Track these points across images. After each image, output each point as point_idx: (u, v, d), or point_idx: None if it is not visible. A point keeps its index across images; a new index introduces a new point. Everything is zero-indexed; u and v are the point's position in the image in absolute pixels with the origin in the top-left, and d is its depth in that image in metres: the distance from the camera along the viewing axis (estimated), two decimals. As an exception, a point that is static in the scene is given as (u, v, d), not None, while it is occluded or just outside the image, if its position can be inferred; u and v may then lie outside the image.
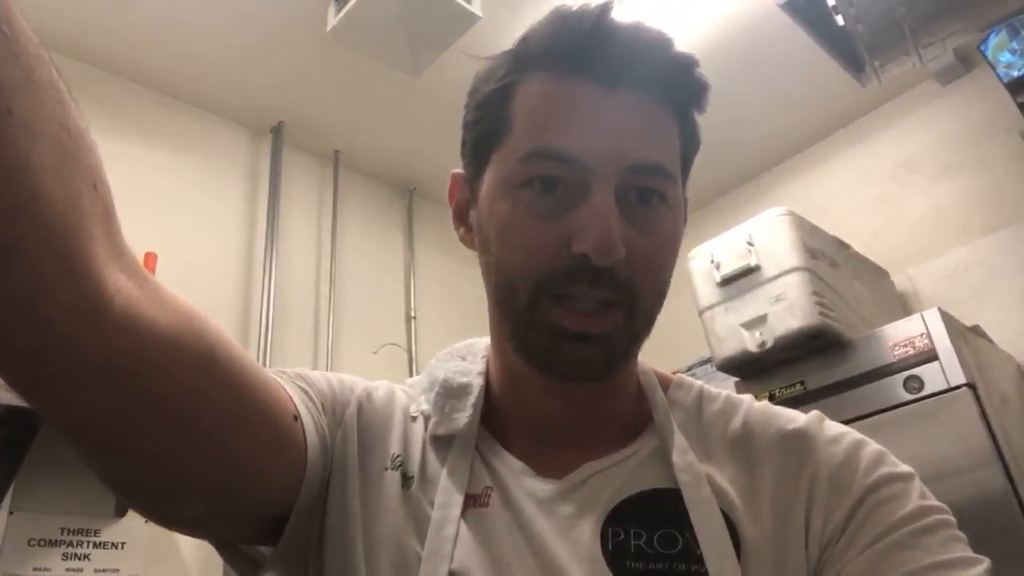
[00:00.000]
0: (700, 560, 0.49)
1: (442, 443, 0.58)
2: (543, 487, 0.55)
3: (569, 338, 0.51)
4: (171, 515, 0.49)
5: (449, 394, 0.60)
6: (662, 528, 0.51)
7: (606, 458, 0.56)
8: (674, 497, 0.53)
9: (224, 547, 0.54)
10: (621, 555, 0.50)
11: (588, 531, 0.52)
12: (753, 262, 1.93)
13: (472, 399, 0.60)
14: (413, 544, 0.52)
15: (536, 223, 0.52)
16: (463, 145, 0.60)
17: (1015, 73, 2.03)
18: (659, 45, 0.54)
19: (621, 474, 0.55)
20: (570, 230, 0.50)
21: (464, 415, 0.58)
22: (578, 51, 0.53)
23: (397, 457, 0.58)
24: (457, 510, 0.53)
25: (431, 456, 0.58)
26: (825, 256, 1.98)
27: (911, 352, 1.67)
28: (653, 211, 0.53)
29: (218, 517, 0.50)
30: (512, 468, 0.56)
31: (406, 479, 0.56)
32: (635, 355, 0.58)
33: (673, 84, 0.55)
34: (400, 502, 0.55)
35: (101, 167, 0.37)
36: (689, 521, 0.51)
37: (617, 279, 0.50)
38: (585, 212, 0.50)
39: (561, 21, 0.53)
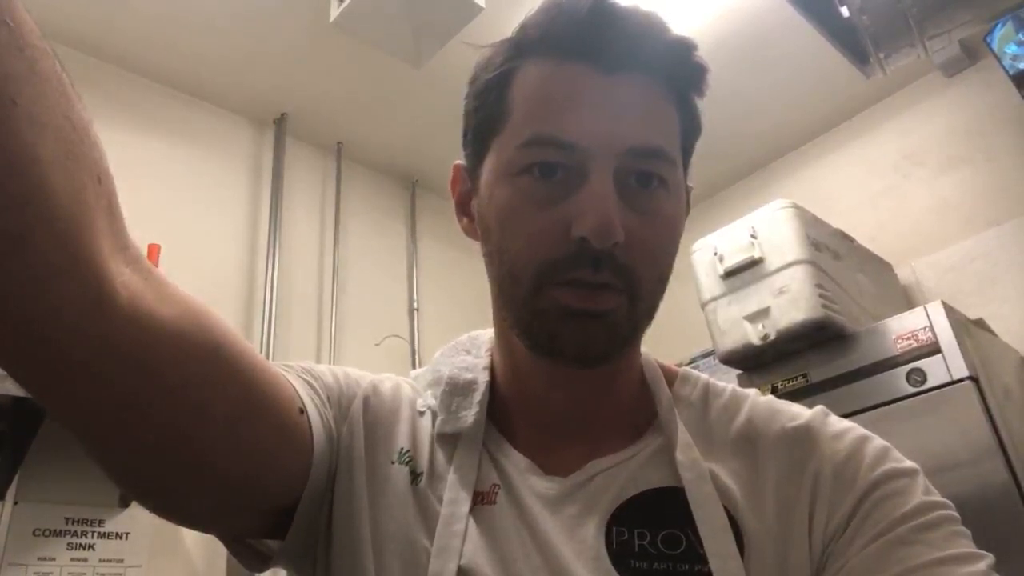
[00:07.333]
0: (704, 560, 0.49)
1: (449, 440, 0.58)
2: (549, 485, 0.55)
3: (572, 316, 0.51)
4: (178, 509, 0.49)
5: (455, 391, 0.60)
6: (666, 528, 0.51)
7: (611, 456, 0.56)
8: (678, 496, 0.53)
9: (232, 541, 0.55)
10: (625, 555, 0.50)
11: (592, 530, 0.52)
12: (756, 254, 1.93)
13: (478, 396, 0.60)
14: (422, 540, 0.52)
15: (536, 210, 0.51)
16: (464, 135, 0.60)
17: (1021, 65, 2.02)
18: (657, 29, 0.54)
19: (625, 473, 0.55)
20: (570, 215, 0.50)
21: (471, 413, 0.59)
22: (575, 36, 0.52)
23: (406, 452, 0.58)
24: (465, 507, 0.53)
25: (439, 453, 0.58)
26: (829, 249, 1.97)
27: (914, 345, 1.67)
28: (653, 195, 0.53)
29: (225, 512, 0.50)
30: (518, 466, 0.57)
31: (415, 475, 0.56)
32: (638, 342, 0.58)
33: (671, 68, 0.54)
34: (409, 498, 0.55)
35: (105, 160, 0.37)
36: (693, 520, 0.51)
37: (617, 263, 0.50)
38: (584, 196, 0.50)
39: (557, 7, 0.53)
